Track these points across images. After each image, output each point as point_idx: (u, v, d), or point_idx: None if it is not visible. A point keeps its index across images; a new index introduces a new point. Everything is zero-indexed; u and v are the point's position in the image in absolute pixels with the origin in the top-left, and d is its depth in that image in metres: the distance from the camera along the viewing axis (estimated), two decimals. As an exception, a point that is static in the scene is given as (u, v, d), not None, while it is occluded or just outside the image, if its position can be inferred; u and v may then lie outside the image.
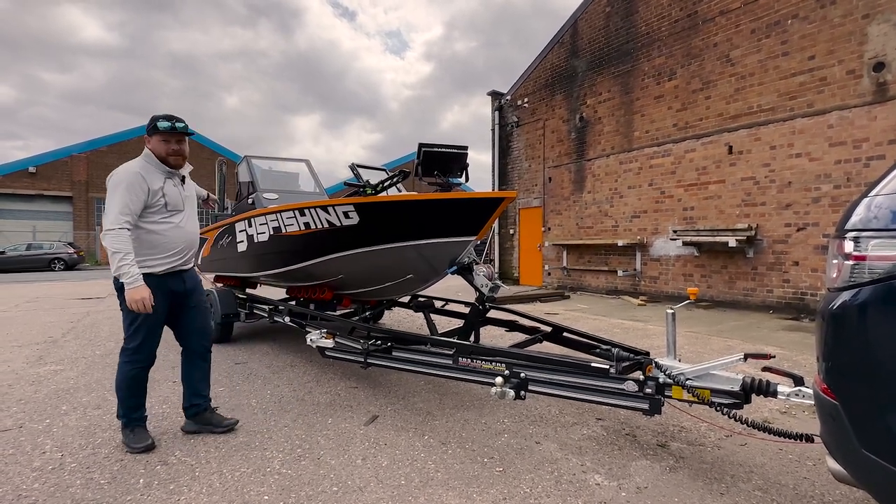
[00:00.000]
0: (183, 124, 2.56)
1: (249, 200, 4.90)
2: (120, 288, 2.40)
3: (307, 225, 3.60)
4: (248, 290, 5.79)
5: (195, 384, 2.73)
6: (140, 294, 2.31)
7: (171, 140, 2.53)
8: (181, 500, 2.02)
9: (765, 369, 2.16)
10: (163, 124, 2.48)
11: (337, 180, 25.69)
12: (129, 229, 2.36)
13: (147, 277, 2.41)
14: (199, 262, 6.47)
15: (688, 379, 2.21)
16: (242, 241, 4.62)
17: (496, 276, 3.30)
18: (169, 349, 4.91)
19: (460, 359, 2.79)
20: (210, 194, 3.46)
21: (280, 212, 3.81)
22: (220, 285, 5.74)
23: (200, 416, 2.73)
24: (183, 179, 2.67)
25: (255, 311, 4.95)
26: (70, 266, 20.97)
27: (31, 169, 24.89)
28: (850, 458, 1.37)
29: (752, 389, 2.10)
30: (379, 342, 3.20)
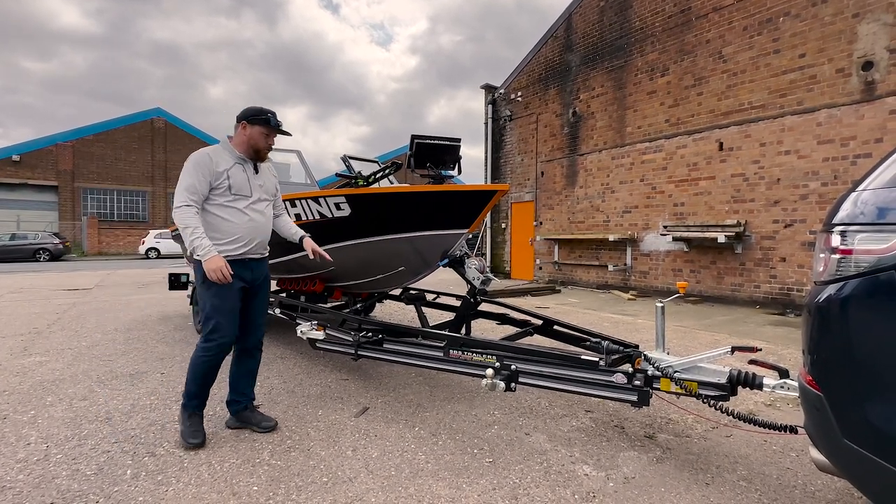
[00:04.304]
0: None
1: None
2: (199, 276, 2.39)
3: (298, 216, 3.57)
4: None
5: (238, 380, 2.67)
6: (216, 263, 2.29)
7: (272, 136, 2.57)
8: (169, 491, 2.01)
9: (751, 362, 2.19)
10: (273, 120, 2.53)
11: (326, 172, 25.51)
12: (195, 208, 2.36)
13: None
14: (189, 253, 6.40)
15: (676, 371, 2.23)
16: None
17: (488, 269, 3.30)
18: (159, 341, 4.87)
19: (451, 351, 2.79)
20: (307, 240, 2.82)
21: (270, 203, 3.77)
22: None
23: (240, 414, 2.67)
24: (256, 168, 2.61)
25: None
26: (55, 256, 20.64)
27: (15, 157, 24.39)
28: (833, 448, 1.39)
29: (739, 382, 2.13)
30: (370, 334, 3.19)
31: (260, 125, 2.50)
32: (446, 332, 3.11)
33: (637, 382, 2.28)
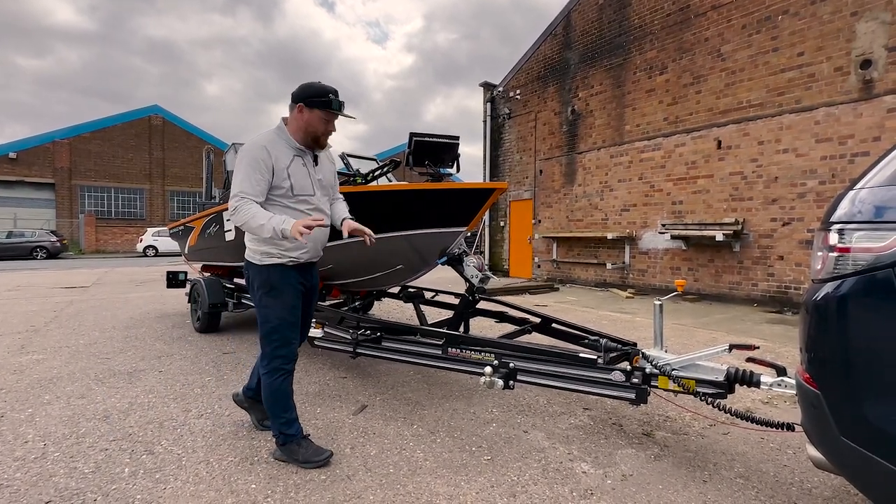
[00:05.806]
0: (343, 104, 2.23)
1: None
2: (259, 285, 2.20)
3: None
4: (236, 280, 5.73)
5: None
6: (300, 225, 1.97)
7: (332, 120, 2.21)
8: (167, 489, 2.01)
9: (749, 360, 2.20)
10: (335, 103, 2.16)
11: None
12: (252, 200, 2.09)
13: (277, 268, 2.21)
14: (186, 251, 6.38)
15: (674, 369, 2.24)
16: (230, 231, 4.56)
17: (486, 267, 3.30)
18: (157, 339, 4.86)
19: (450, 349, 2.79)
20: (350, 223, 2.39)
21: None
22: (207, 275, 5.67)
23: (250, 399, 2.60)
24: (316, 159, 2.31)
25: (242, 301, 4.90)
26: (53, 254, 20.59)
27: (12, 154, 24.27)
28: (830, 445, 1.40)
29: (736, 379, 2.13)
30: (368, 332, 3.19)
31: (320, 109, 2.16)
32: (445, 330, 3.11)
33: (635, 380, 2.28)
